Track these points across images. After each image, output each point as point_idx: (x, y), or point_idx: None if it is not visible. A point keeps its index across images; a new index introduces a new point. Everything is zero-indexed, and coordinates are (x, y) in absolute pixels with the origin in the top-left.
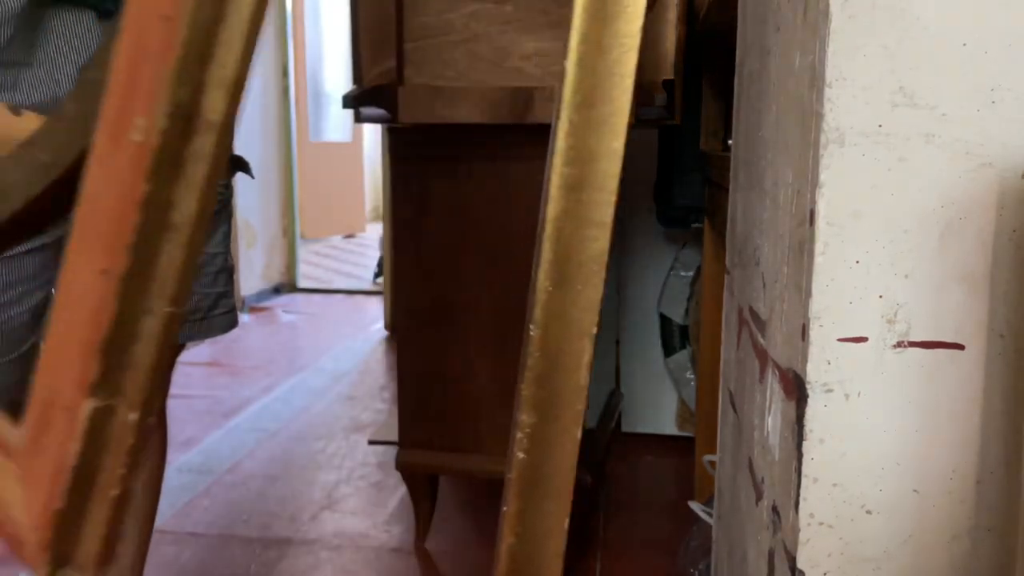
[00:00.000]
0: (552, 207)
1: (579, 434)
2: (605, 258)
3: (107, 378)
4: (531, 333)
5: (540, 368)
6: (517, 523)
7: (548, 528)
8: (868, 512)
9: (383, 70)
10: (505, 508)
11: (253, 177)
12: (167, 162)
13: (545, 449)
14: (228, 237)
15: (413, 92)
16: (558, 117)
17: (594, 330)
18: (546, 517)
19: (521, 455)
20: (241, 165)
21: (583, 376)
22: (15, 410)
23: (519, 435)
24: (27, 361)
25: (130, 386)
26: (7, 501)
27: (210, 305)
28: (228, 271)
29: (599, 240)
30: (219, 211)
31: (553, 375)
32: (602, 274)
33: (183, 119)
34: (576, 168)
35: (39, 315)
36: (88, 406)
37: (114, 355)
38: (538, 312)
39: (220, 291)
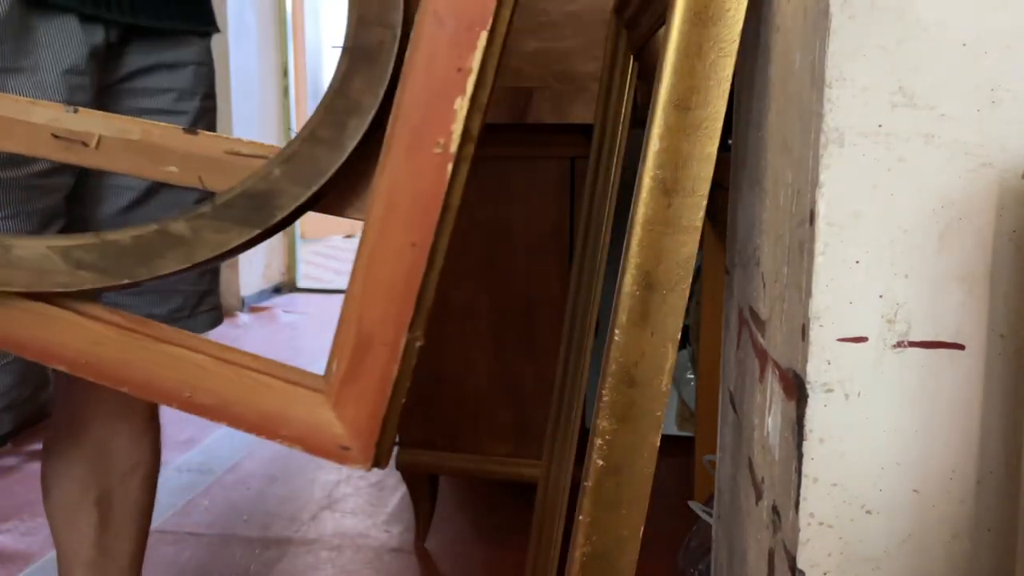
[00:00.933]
0: (642, 210)
1: (657, 441)
2: (692, 263)
3: (416, 318)
4: (615, 338)
5: (622, 373)
6: (592, 532)
7: (623, 536)
8: (868, 512)
9: None
10: (580, 517)
11: None
12: (455, 165)
13: (623, 456)
14: None
15: None
16: (652, 118)
17: (678, 335)
18: (622, 525)
19: (600, 462)
20: None
21: (664, 382)
22: (13, 410)
23: (599, 442)
24: (21, 364)
25: (421, 323)
26: (323, 423)
27: (195, 303)
28: (213, 269)
29: (687, 245)
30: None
31: (634, 380)
32: (689, 279)
33: (465, 136)
34: (668, 171)
35: None
36: (405, 339)
37: (421, 301)
38: (622, 316)
39: (205, 289)
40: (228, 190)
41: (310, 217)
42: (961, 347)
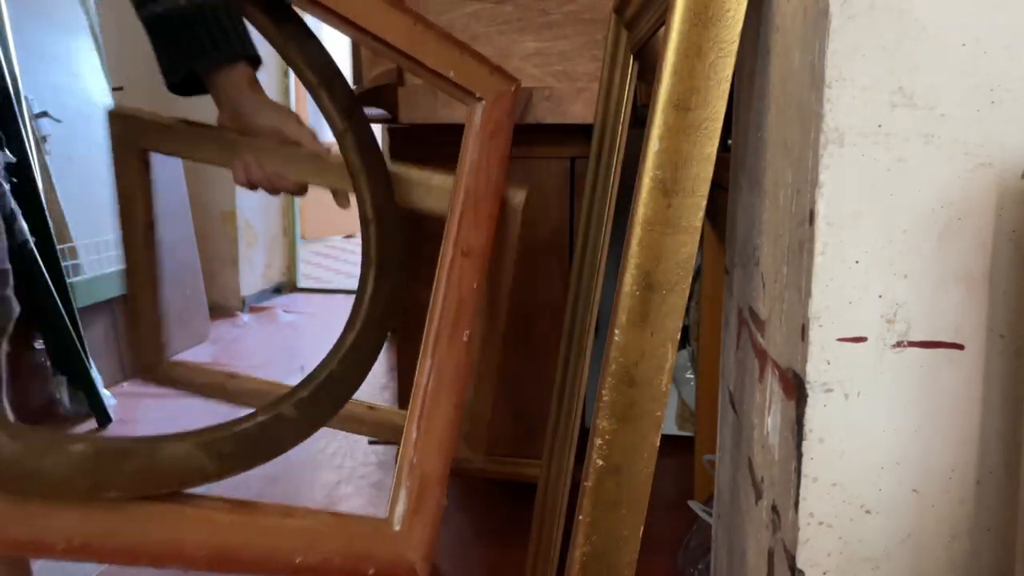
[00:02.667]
0: (642, 210)
1: (657, 441)
2: (692, 263)
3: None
4: (615, 338)
5: (622, 373)
6: (592, 532)
7: (623, 536)
8: (867, 512)
9: (383, 70)
10: (580, 517)
11: None
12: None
13: (623, 456)
14: None
15: (413, 92)
16: (652, 118)
17: (677, 336)
18: (621, 525)
19: (600, 462)
20: None
21: (664, 382)
22: None
23: (599, 442)
24: None
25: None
26: (399, 553)
27: None
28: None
29: (687, 245)
30: None
31: (634, 380)
32: (688, 279)
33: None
34: (668, 172)
35: None
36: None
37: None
38: (622, 316)
39: None
40: (310, 378)
41: (310, 217)
42: (960, 347)
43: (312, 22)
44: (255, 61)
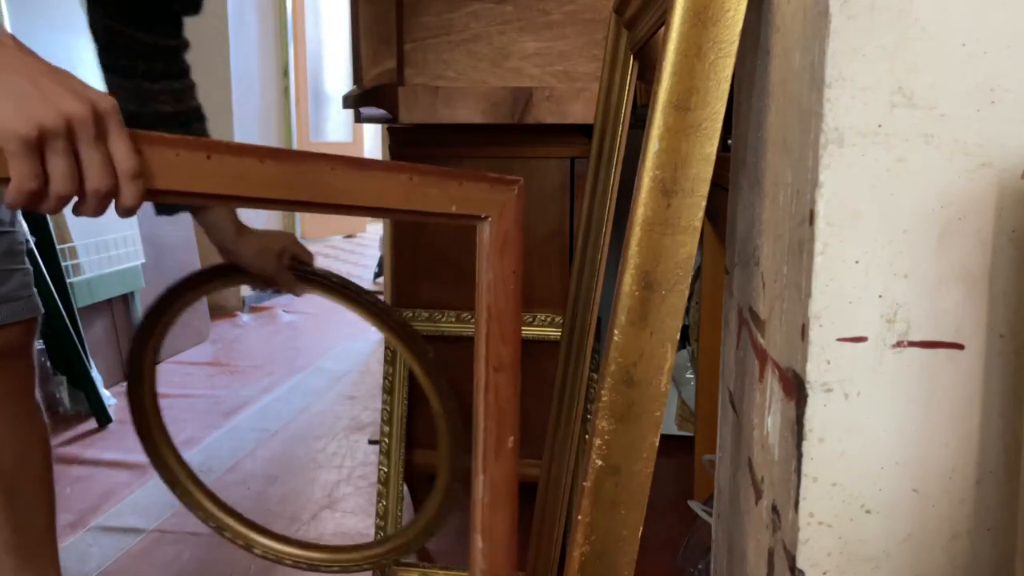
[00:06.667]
0: (641, 210)
1: (656, 441)
2: (692, 263)
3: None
4: (615, 338)
5: (621, 373)
6: (591, 531)
7: (622, 536)
8: (867, 511)
9: (383, 70)
10: (579, 517)
11: None
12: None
13: (623, 456)
14: None
15: (413, 92)
16: (652, 119)
17: (676, 336)
18: (621, 525)
19: (599, 462)
20: None
21: (663, 382)
22: None
23: (598, 442)
24: None
25: None
26: None
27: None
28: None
29: (687, 245)
30: None
31: (633, 380)
32: (688, 279)
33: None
34: (667, 172)
35: None
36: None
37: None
38: (622, 316)
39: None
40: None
41: (311, 217)
42: (960, 347)
43: (313, 24)
44: None
